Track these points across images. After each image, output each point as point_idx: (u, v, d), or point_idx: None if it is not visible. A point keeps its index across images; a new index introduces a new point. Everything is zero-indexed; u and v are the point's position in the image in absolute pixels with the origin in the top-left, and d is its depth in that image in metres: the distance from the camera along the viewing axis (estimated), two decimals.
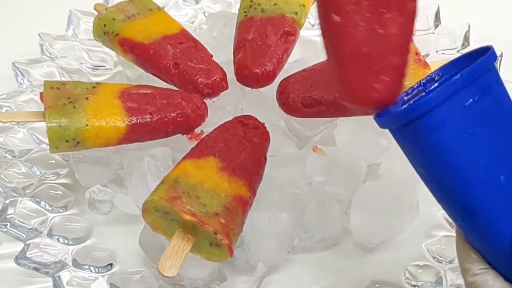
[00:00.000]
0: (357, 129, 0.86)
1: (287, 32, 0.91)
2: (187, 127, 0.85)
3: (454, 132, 0.57)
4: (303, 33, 0.96)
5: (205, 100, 0.87)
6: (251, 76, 0.87)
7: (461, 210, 0.59)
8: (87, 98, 0.83)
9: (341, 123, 0.88)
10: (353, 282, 0.80)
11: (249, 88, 0.89)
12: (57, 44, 1.03)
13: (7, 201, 0.83)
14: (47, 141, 0.81)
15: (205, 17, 1.12)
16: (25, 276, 0.79)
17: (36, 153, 0.90)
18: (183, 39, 0.92)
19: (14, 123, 0.91)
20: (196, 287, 0.76)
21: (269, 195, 0.80)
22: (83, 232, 0.84)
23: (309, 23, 1.08)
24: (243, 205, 0.74)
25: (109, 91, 0.85)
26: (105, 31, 0.94)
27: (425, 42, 1.01)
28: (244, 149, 0.78)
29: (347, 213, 0.82)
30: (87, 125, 0.80)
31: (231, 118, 0.84)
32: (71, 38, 1.05)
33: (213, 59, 0.91)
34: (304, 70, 0.88)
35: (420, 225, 0.82)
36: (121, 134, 0.82)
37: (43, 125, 0.82)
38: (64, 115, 0.80)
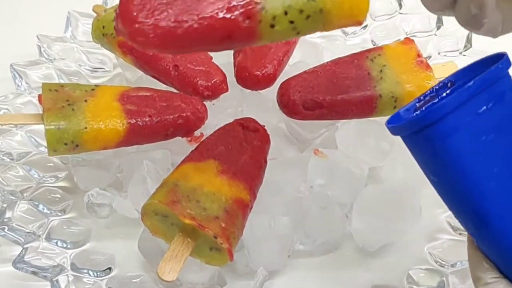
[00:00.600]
0: (358, 132, 0.86)
1: None
2: (186, 129, 0.85)
3: (466, 139, 0.57)
4: None
5: (205, 102, 0.87)
6: (251, 78, 0.87)
7: (473, 218, 0.59)
8: (86, 100, 0.83)
9: (343, 125, 0.88)
10: (354, 286, 0.80)
11: (249, 90, 0.90)
12: (56, 46, 1.03)
13: (5, 205, 0.83)
14: (45, 143, 0.81)
15: None
16: (23, 280, 0.79)
17: (34, 156, 0.90)
18: None
19: (12, 125, 0.91)
20: None
21: (269, 198, 0.80)
22: (82, 235, 0.84)
23: None
24: (243, 208, 0.74)
25: (108, 93, 0.85)
26: (104, 33, 0.94)
27: (427, 44, 1.01)
28: (244, 152, 0.78)
29: (349, 217, 0.82)
30: (86, 128, 0.80)
31: (231, 120, 0.84)
32: (69, 40, 1.05)
33: (213, 61, 0.91)
34: (305, 72, 0.88)
35: (422, 229, 0.82)
36: (120, 137, 0.82)
37: (41, 127, 0.82)
38: (62, 117, 0.80)
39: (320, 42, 1.03)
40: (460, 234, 0.82)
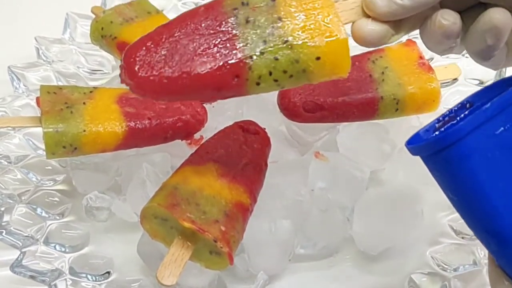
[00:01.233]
0: (360, 135, 0.86)
1: None
2: (186, 132, 0.85)
3: (484, 160, 0.58)
4: None
5: (204, 104, 0.87)
6: None
7: (492, 237, 0.59)
8: (84, 103, 0.83)
9: (344, 128, 0.88)
10: None
11: None
12: (54, 47, 1.03)
13: (2, 208, 0.83)
14: (43, 146, 0.81)
15: None
16: (21, 284, 0.79)
17: (32, 159, 0.90)
18: None
19: (9, 128, 0.91)
20: None
21: (270, 202, 0.80)
22: (80, 239, 0.84)
23: None
24: (243, 212, 0.74)
25: (107, 95, 0.85)
26: (102, 35, 0.95)
27: None
28: (244, 155, 0.79)
29: (350, 220, 0.82)
30: (84, 131, 0.80)
31: (231, 123, 0.84)
32: (68, 41, 1.05)
33: None
34: None
35: (424, 232, 0.82)
36: (119, 139, 0.82)
37: (39, 130, 0.82)
38: (61, 120, 0.80)
39: None
40: (462, 238, 0.82)
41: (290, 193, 0.82)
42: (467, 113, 0.62)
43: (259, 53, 0.61)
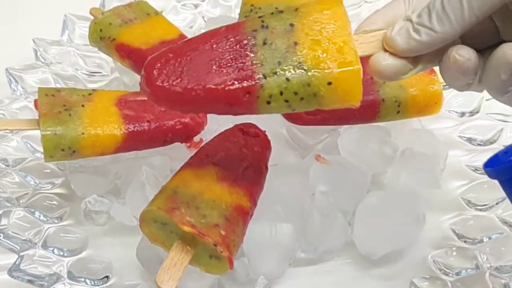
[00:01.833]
0: (361, 138, 0.87)
1: None
2: (186, 135, 0.85)
3: None
4: None
5: None
6: None
7: None
8: (83, 105, 0.83)
9: (345, 131, 0.88)
10: None
11: None
12: (52, 49, 1.03)
13: (0, 212, 0.83)
14: (41, 149, 0.81)
15: (205, 21, 1.12)
16: None
17: (30, 162, 0.90)
18: None
19: (7, 131, 0.91)
20: None
21: (270, 205, 0.80)
22: (79, 243, 0.84)
23: None
24: (243, 216, 0.74)
25: (105, 98, 0.85)
26: (101, 36, 0.95)
27: None
28: (244, 158, 0.79)
29: (351, 224, 0.82)
30: (83, 134, 0.80)
31: (231, 125, 0.84)
32: (66, 43, 1.05)
33: None
34: None
35: (426, 236, 0.83)
36: (118, 142, 0.82)
37: (37, 133, 0.82)
38: (59, 123, 0.80)
39: None
40: (465, 241, 0.82)
41: (290, 196, 0.82)
42: None
43: (272, 73, 0.63)
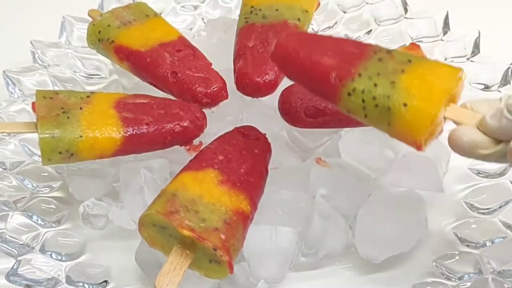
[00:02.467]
0: (362, 141, 0.87)
1: None
2: (185, 138, 0.85)
3: None
4: None
5: (204, 110, 0.87)
6: (252, 85, 0.88)
7: None
8: (81, 108, 0.83)
9: (346, 134, 0.88)
10: None
11: (250, 97, 0.90)
12: (50, 51, 1.04)
13: None
14: (39, 153, 0.81)
15: (204, 23, 1.12)
16: None
17: (28, 165, 0.91)
18: (181, 47, 0.93)
19: (5, 134, 0.91)
20: None
21: (270, 209, 0.80)
22: (77, 247, 0.84)
23: (312, 29, 1.09)
24: (244, 219, 0.74)
25: (104, 100, 0.85)
26: (99, 38, 0.95)
27: (433, 49, 1.01)
28: (244, 161, 0.79)
29: (352, 228, 0.82)
30: (81, 136, 0.81)
31: (231, 128, 0.84)
32: (64, 45, 1.05)
33: (212, 67, 0.91)
34: None
35: (428, 240, 0.83)
36: (116, 145, 0.82)
37: (35, 136, 0.82)
38: (57, 125, 0.81)
39: None
40: (467, 246, 0.82)
41: (291, 200, 0.82)
42: None
43: (368, 77, 0.70)
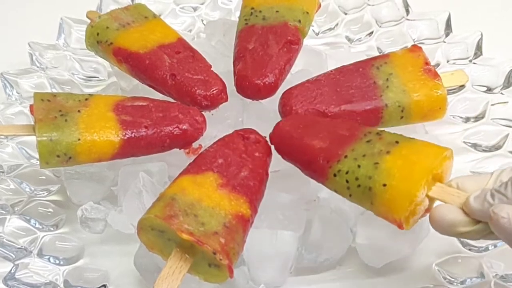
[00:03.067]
0: None
1: (289, 41, 0.91)
2: (184, 141, 0.86)
3: None
4: (307, 42, 0.97)
5: (203, 112, 0.87)
6: (252, 87, 0.88)
7: None
8: (79, 110, 0.83)
9: None
10: None
11: (250, 100, 0.90)
12: (48, 53, 1.04)
13: None
14: (37, 156, 0.81)
15: (204, 25, 1.12)
16: None
17: (25, 168, 0.91)
18: (181, 49, 0.93)
19: (2, 137, 0.91)
20: None
21: (271, 213, 0.80)
22: (75, 251, 0.84)
23: (313, 31, 1.09)
24: (243, 223, 0.74)
25: (102, 103, 0.85)
26: (98, 40, 0.95)
27: (435, 51, 1.01)
28: (244, 165, 0.79)
29: (353, 232, 0.82)
30: (79, 139, 0.81)
31: (231, 131, 0.84)
32: (62, 47, 1.05)
33: (212, 69, 0.91)
34: (307, 81, 0.89)
35: (430, 245, 0.82)
36: (115, 148, 0.82)
37: (33, 139, 0.82)
38: (55, 128, 0.81)
39: (323, 49, 1.04)
40: (469, 249, 0.82)
41: (291, 203, 0.82)
42: None
43: (353, 158, 0.74)
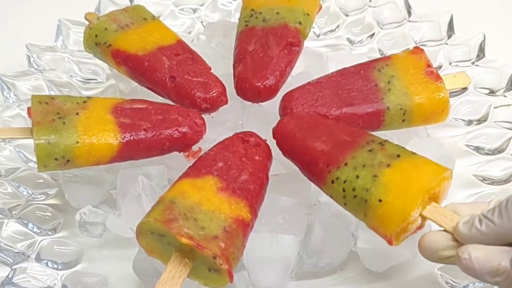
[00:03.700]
0: None
1: (290, 43, 0.91)
2: (184, 144, 0.86)
3: None
4: (308, 44, 0.97)
5: (203, 115, 0.87)
6: (252, 90, 0.88)
7: None
8: (77, 113, 0.83)
9: None
10: None
11: (250, 102, 0.90)
12: (46, 55, 1.04)
13: None
14: (35, 159, 0.82)
15: (203, 26, 1.12)
16: None
17: (23, 172, 0.91)
18: (180, 51, 0.93)
19: (0, 140, 0.91)
20: None
21: (271, 217, 0.80)
22: (73, 256, 0.84)
23: (314, 33, 1.09)
24: (243, 227, 0.74)
25: (101, 106, 0.85)
26: (96, 42, 0.95)
27: (437, 53, 1.01)
28: (245, 168, 0.79)
29: (355, 236, 0.82)
30: (77, 142, 0.81)
31: (231, 134, 0.84)
32: (60, 49, 1.05)
33: (211, 71, 0.91)
34: (308, 83, 0.89)
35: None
36: (113, 151, 0.82)
37: (30, 142, 0.82)
38: (53, 131, 0.81)
39: (324, 51, 1.04)
40: None
41: (292, 207, 0.82)
42: None
43: (353, 167, 0.75)
